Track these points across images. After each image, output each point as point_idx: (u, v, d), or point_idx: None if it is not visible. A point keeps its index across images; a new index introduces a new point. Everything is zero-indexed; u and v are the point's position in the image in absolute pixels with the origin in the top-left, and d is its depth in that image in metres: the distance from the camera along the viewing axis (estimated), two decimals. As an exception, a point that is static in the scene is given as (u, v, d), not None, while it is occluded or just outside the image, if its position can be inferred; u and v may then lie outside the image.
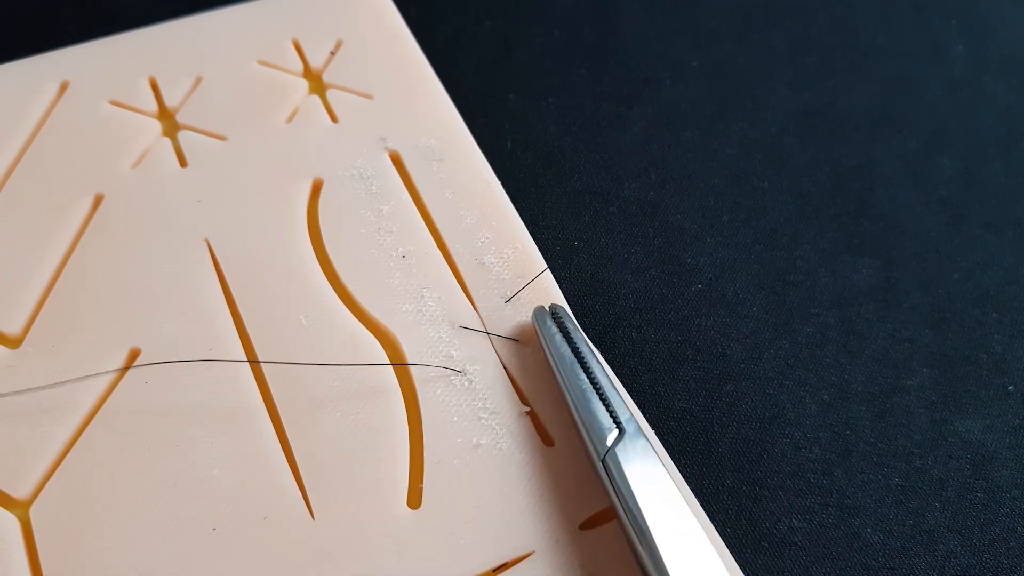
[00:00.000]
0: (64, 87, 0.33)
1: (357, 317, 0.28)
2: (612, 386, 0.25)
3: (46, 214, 0.30)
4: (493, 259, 0.29)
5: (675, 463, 0.26)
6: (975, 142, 0.36)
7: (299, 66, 0.34)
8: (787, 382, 0.29)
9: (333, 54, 0.34)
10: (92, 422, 0.26)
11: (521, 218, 0.30)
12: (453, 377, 0.27)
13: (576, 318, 0.27)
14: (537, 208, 0.33)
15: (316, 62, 0.34)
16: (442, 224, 0.30)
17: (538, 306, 0.27)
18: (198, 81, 0.33)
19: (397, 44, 0.35)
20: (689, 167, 0.34)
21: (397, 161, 0.31)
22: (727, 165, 0.35)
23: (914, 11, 0.40)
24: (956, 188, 0.34)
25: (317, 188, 0.31)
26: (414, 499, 0.25)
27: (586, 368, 0.25)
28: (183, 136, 0.32)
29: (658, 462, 0.23)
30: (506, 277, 0.29)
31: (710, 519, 0.25)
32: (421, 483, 0.25)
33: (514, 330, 0.28)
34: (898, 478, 0.27)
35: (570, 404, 0.25)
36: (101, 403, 0.26)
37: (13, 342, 0.27)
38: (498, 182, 0.31)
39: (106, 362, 0.27)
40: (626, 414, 0.24)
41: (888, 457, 0.28)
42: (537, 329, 0.26)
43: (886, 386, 0.29)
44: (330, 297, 0.28)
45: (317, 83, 0.34)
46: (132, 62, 0.34)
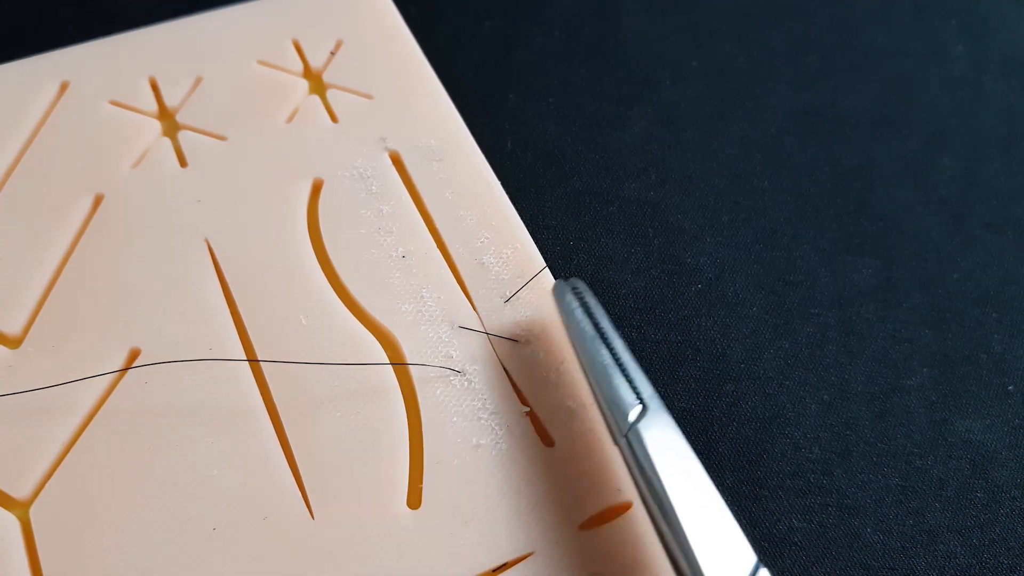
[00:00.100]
0: (64, 87, 0.33)
1: (357, 317, 0.28)
2: (634, 361, 0.24)
3: (46, 214, 0.30)
4: (493, 259, 0.29)
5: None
6: (975, 142, 0.36)
7: (299, 66, 0.34)
8: (787, 382, 0.29)
9: (333, 54, 0.34)
10: (92, 422, 0.26)
11: (521, 218, 0.30)
12: (453, 377, 0.27)
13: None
14: (537, 208, 0.33)
15: (316, 62, 0.34)
16: (442, 224, 0.30)
17: (558, 280, 0.26)
18: (198, 81, 0.33)
19: (397, 44, 0.35)
20: (689, 167, 0.34)
21: (397, 161, 0.31)
22: (727, 165, 0.35)
23: (914, 11, 0.40)
24: (956, 188, 0.34)
25: (317, 188, 0.31)
26: (414, 499, 0.25)
27: (608, 343, 0.24)
28: (183, 136, 0.32)
29: (682, 439, 0.23)
30: (506, 277, 0.29)
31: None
32: (421, 483, 0.25)
33: (514, 330, 0.28)
34: (898, 478, 0.27)
35: (591, 380, 0.24)
36: (101, 403, 0.26)
37: (13, 342, 0.27)
38: (498, 182, 0.31)
39: (106, 362, 0.27)
40: (648, 390, 0.23)
41: (888, 457, 0.28)
42: (557, 303, 0.26)
43: (886, 386, 0.29)
44: (330, 297, 0.28)
45: (317, 83, 0.34)
46: (132, 62, 0.34)
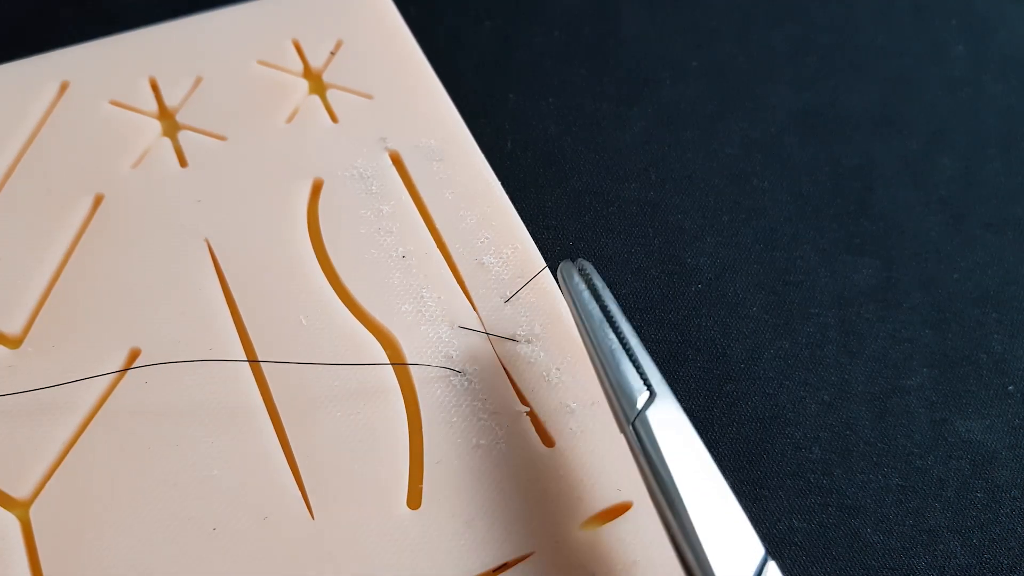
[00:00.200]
0: (64, 87, 0.33)
1: (357, 317, 0.28)
2: (642, 346, 0.23)
3: (46, 214, 0.30)
4: (493, 259, 0.29)
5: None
6: (975, 142, 0.36)
7: (299, 66, 0.34)
8: (787, 382, 0.29)
9: (333, 54, 0.34)
10: (92, 422, 0.26)
11: (521, 218, 0.30)
12: (453, 377, 0.27)
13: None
14: (537, 208, 0.33)
15: (316, 62, 0.34)
16: (442, 224, 0.30)
17: (565, 260, 0.26)
18: (198, 81, 0.33)
19: (397, 44, 0.35)
20: (689, 167, 0.34)
21: (397, 161, 0.31)
22: (727, 165, 0.35)
23: (914, 11, 0.40)
24: (956, 188, 0.34)
25: (317, 188, 0.31)
26: (414, 499, 0.25)
27: (615, 327, 0.23)
28: (183, 136, 0.32)
29: (690, 426, 0.22)
30: (506, 277, 0.29)
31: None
32: (421, 483, 0.25)
33: (514, 330, 0.28)
34: (898, 478, 0.27)
35: (597, 364, 0.23)
36: (101, 403, 0.26)
37: (13, 342, 0.27)
38: (498, 182, 0.31)
39: (106, 362, 0.27)
40: (656, 376, 0.23)
41: (888, 457, 0.28)
42: (563, 285, 0.25)
43: (886, 386, 0.29)
44: (330, 297, 0.28)
45: (317, 83, 0.34)
46: (132, 62, 0.34)
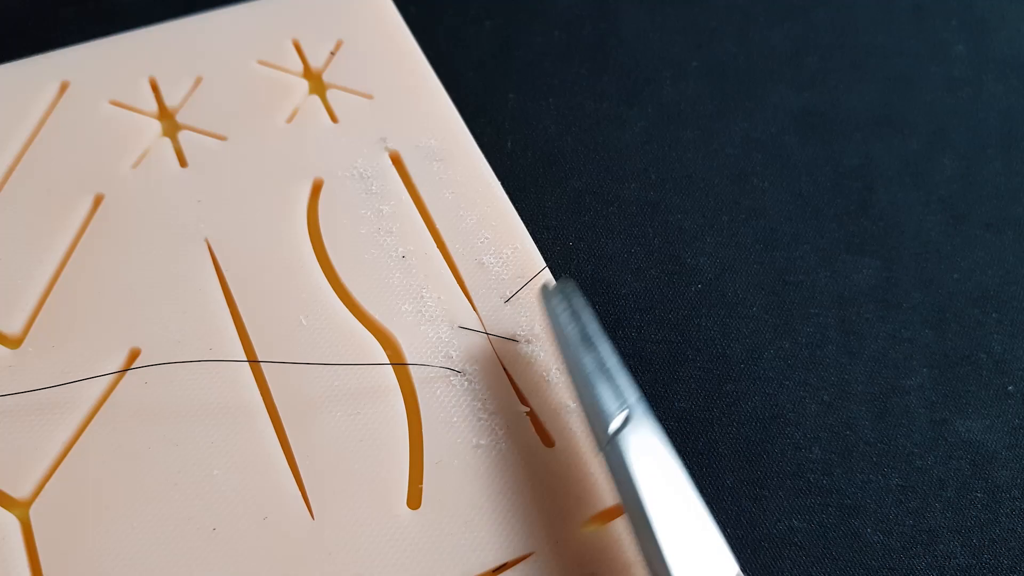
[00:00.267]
0: (64, 87, 0.33)
1: (357, 317, 0.28)
2: (620, 366, 0.23)
3: (46, 214, 0.30)
4: (493, 259, 0.29)
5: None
6: (975, 142, 0.36)
7: (299, 66, 0.34)
8: (787, 382, 0.29)
9: (333, 54, 0.34)
10: (92, 422, 0.26)
11: (521, 218, 0.30)
12: (453, 377, 0.27)
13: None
14: (537, 208, 0.33)
15: (316, 62, 0.34)
16: (442, 224, 0.30)
17: (544, 283, 0.26)
18: (198, 81, 0.33)
19: (397, 44, 0.35)
20: (689, 167, 0.34)
21: (397, 161, 0.31)
22: (727, 165, 0.35)
23: (914, 11, 0.40)
24: (956, 188, 0.34)
25: (317, 188, 0.31)
26: (414, 499, 0.25)
27: (593, 348, 0.24)
28: (183, 136, 0.32)
29: (665, 447, 0.22)
30: (505, 277, 0.29)
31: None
32: (421, 483, 0.25)
33: (514, 330, 0.28)
34: (898, 478, 0.27)
35: (575, 386, 0.23)
36: (101, 403, 0.26)
37: (13, 342, 0.27)
38: (498, 182, 0.31)
39: (106, 362, 0.27)
40: (633, 396, 0.23)
41: (888, 457, 0.28)
42: (543, 309, 0.25)
43: (886, 386, 0.29)
44: (330, 297, 0.28)
45: (317, 83, 0.34)
46: (132, 62, 0.34)
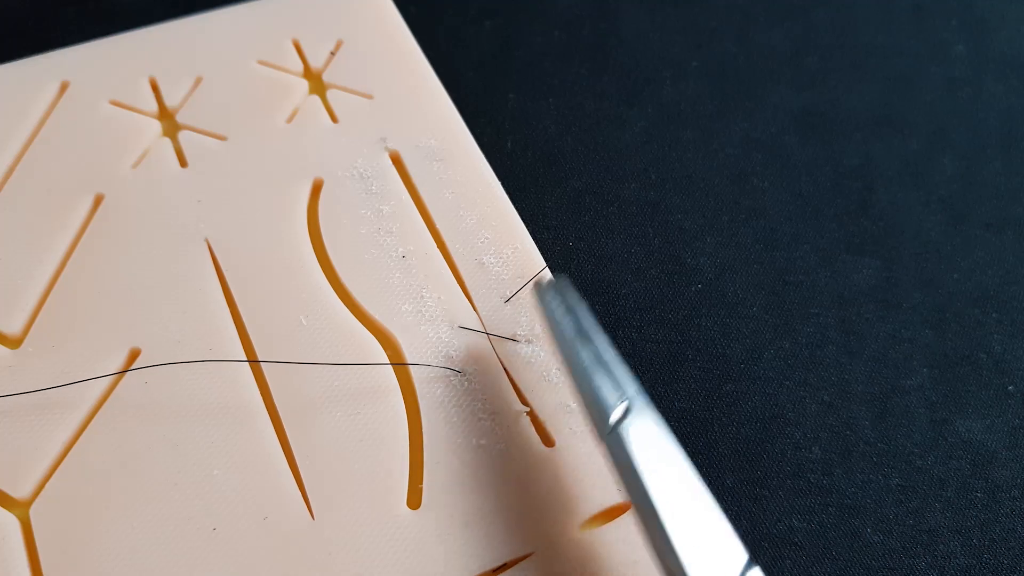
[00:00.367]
0: (64, 87, 0.33)
1: (357, 317, 0.28)
2: (618, 359, 0.23)
3: (46, 214, 0.30)
4: (493, 259, 0.29)
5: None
6: (975, 142, 0.36)
7: (299, 66, 0.34)
8: (787, 382, 0.29)
9: (333, 54, 0.34)
10: (92, 422, 0.26)
11: (521, 218, 0.30)
12: (453, 377, 0.27)
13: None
14: (537, 208, 0.33)
15: (316, 62, 0.34)
16: (442, 224, 0.30)
17: (537, 282, 0.26)
18: (198, 81, 0.33)
19: (397, 44, 0.35)
20: (689, 167, 0.34)
21: (397, 161, 0.31)
22: (727, 165, 0.35)
23: (914, 11, 0.40)
24: (956, 188, 0.34)
25: (317, 188, 0.31)
26: (414, 499, 0.25)
27: (590, 341, 0.24)
28: (183, 136, 0.32)
29: (667, 436, 0.22)
30: (506, 277, 0.29)
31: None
32: (421, 483, 0.25)
33: (514, 330, 0.28)
34: (898, 478, 0.27)
35: (573, 380, 0.23)
36: (101, 403, 0.26)
37: (13, 342, 0.27)
38: (498, 182, 0.31)
39: (106, 362, 0.27)
40: (633, 388, 0.22)
41: (888, 457, 0.28)
42: (538, 307, 0.25)
43: (886, 386, 0.29)
44: (330, 297, 0.28)
45: (317, 83, 0.34)
46: (132, 62, 0.34)
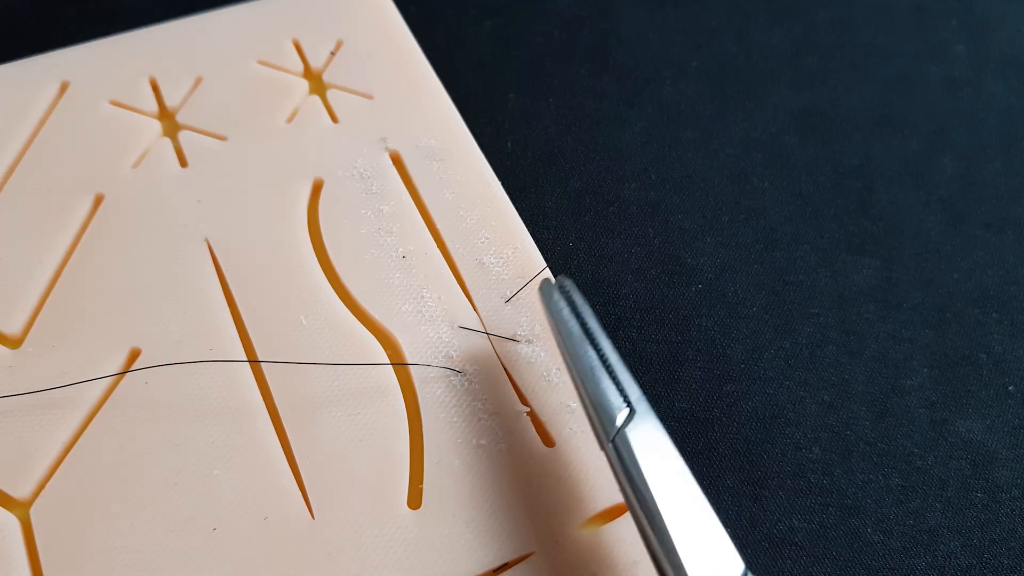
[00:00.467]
0: (64, 87, 0.33)
1: (357, 317, 0.28)
2: (622, 362, 0.23)
3: (46, 214, 0.30)
4: (493, 259, 0.29)
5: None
6: (975, 142, 0.36)
7: (299, 66, 0.34)
8: (787, 382, 0.29)
9: (333, 54, 0.34)
10: (92, 422, 0.26)
11: (521, 218, 0.30)
12: (453, 377, 0.27)
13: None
14: (537, 208, 0.33)
15: (316, 62, 0.34)
16: (442, 224, 0.30)
17: (544, 280, 0.26)
18: (198, 81, 0.33)
19: (397, 44, 0.35)
20: (689, 167, 0.34)
21: (397, 161, 0.31)
22: (727, 165, 0.35)
23: (914, 11, 0.40)
24: (956, 188, 0.34)
25: (317, 188, 0.31)
26: (414, 499, 0.25)
27: (595, 344, 0.24)
28: (183, 136, 0.32)
29: (669, 443, 0.22)
30: (506, 277, 0.29)
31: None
32: (421, 483, 0.25)
33: (514, 330, 0.28)
34: (898, 478, 0.27)
35: (578, 382, 0.23)
36: (101, 403, 0.26)
37: (13, 342, 0.27)
38: (498, 182, 0.31)
39: (106, 362, 0.27)
40: (636, 392, 0.23)
41: (888, 457, 0.28)
42: (543, 304, 0.25)
43: (886, 386, 0.29)
44: (330, 297, 0.28)
45: (317, 83, 0.34)
46: (132, 62, 0.34)
